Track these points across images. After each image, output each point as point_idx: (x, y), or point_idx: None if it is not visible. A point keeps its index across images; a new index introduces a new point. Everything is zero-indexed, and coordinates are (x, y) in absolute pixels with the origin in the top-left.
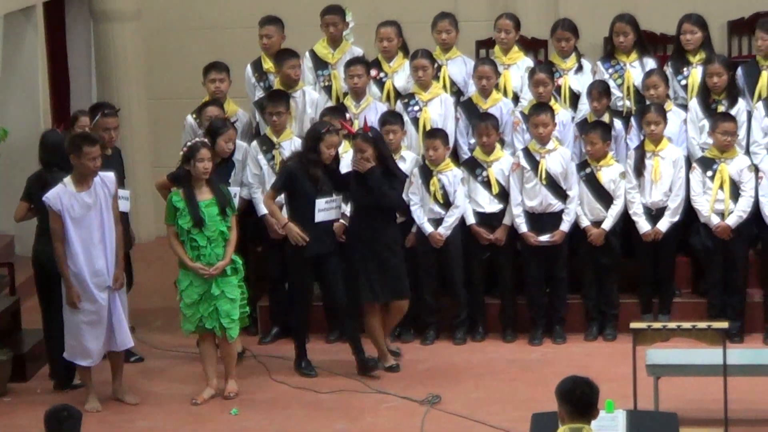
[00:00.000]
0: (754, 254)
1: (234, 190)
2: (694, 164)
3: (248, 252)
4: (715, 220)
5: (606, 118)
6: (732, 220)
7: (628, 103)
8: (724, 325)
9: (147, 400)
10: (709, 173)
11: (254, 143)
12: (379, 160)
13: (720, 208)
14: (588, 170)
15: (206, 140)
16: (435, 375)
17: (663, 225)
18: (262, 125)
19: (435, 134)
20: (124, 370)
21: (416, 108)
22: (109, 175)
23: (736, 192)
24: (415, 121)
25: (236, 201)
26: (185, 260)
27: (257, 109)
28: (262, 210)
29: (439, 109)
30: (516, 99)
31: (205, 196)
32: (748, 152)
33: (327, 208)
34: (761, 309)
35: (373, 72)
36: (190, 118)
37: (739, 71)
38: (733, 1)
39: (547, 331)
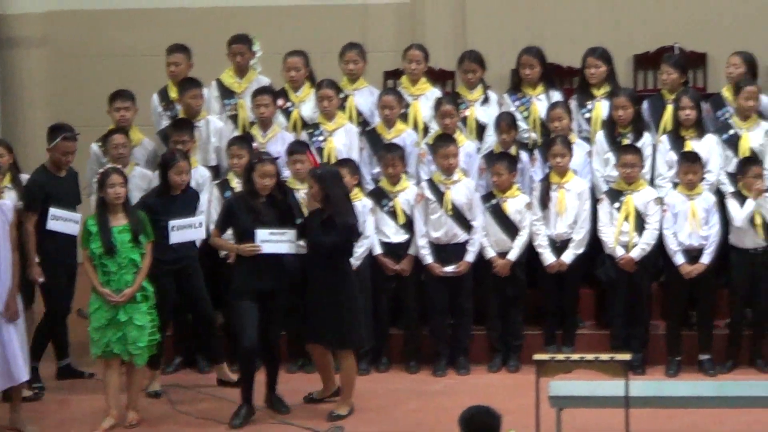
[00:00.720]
0: (657, 286)
1: (195, 220)
2: (603, 195)
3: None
4: (619, 251)
5: (512, 149)
6: (636, 253)
7: (533, 135)
8: (627, 357)
9: (47, 430)
10: (617, 204)
11: (158, 172)
12: (325, 200)
13: (625, 240)
14: (494, 201)
15: (119, 166)
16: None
17: (567, 257)
18: None
19: (343, 164)
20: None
21: (321, 138)
22: (6, 203)
23: (641, 224)
24: (320, 151)
25: (201, 231)
26: (95, 284)
27: (161, 138)
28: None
29: (343, 139)
30: (426, 130)
31: (119, 221)
32: (652, 185)
33: (273, 240)
34: (664, 341)
35: (280, 101)
36: (95, 146)
37: (645, 105)
38: (639, 35)
39: (450, 362)
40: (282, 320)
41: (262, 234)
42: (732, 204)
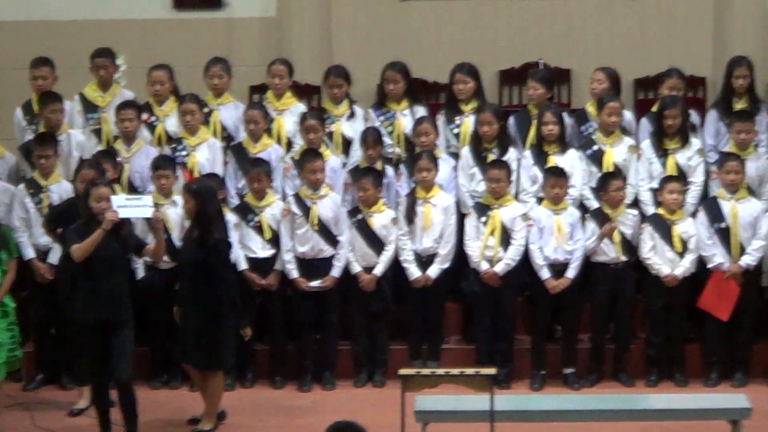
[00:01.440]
0: (522, 301)
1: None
2: (470, 210)
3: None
4: (484, 266)
5: (378, 164)
6: (500, 267)
7: (398, 150)
8: (492, 371)
9: None
10: (483, 219)
11: (21, 186)
12: (199, 217)
13: (490, 255)
14: (360, 216)
15: None
16: None
17: (433, 272)
18: (29, 169)
19: (210, 179)
20: None
21: (184, 153)
22: None
23: (507, 239)
24: (183, 166)
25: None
26: None
27: (22, 153)
28: (29, 254)
29: (207, 154)
30: (289, 145)
31: None
32: (516, 201)
33: (129, 205)
34: (528, 355)
35: (145, 116)
36: None
37: (511, 120)
38: (504, 51)
39: (316, 377)
40: (129, 355)
41: (117, 199)
42: (590, 225)
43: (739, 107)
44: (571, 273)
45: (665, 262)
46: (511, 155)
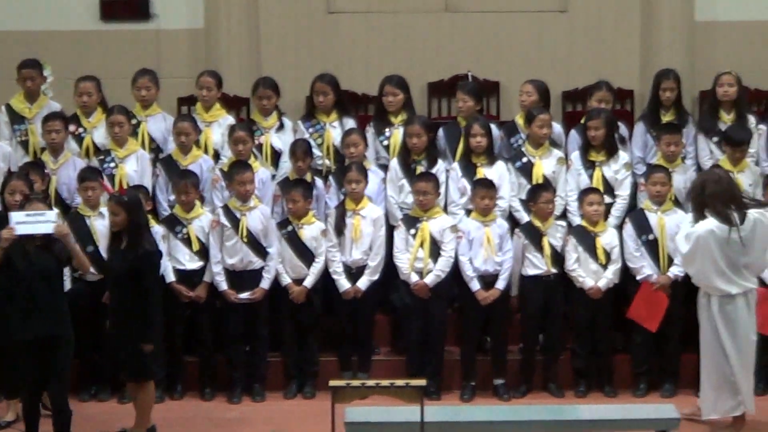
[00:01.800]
0: (452, 312)
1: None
2: (399, 222)
3: None
4: (414, 278)
5: (307, 176)
6: (430, 279)
7: (327, 162)
8: (422, 382)
9: None
10: (412, 231)
11: None
12: (129, 228)
13: (420, 267)
14: (289, 228)
15: None
16: None
17: (363, 283)
18: None
19: (135, 191)
20: None
21: (112, 164)
22: None
23: (436, 251)
24: (111, 177)
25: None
26: None
27: None
28: None
29: (134, 166)
30: (217, 156)
31: None
32: (445, 213)
33: (29, 222)
34: (459, 366)
35: (72, 127)
36: None
37: (441, 132)
38: (433, 63)
39: (246, 389)
40: (67, 376)
41: (17, 216)
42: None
43: (667, 120)
44: (500, 284)
45: (589, 274)
46: (440, 167)
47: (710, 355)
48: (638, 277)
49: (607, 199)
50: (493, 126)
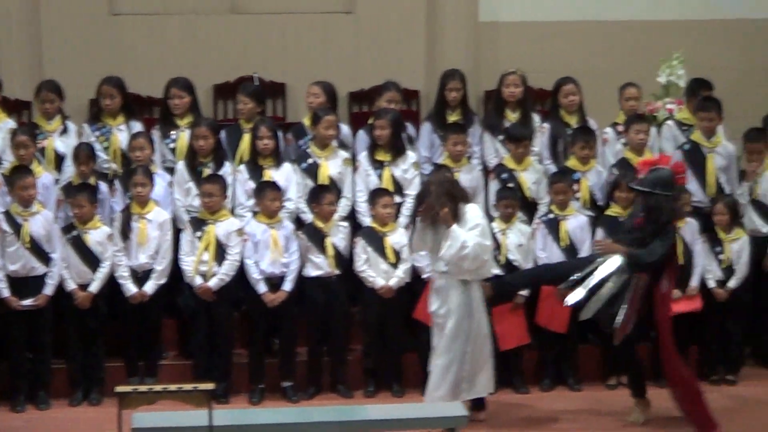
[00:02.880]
0: (239, 315)
1: None
2: (186, 224)
3: None
4: (198, 280)
5: (91, 180)
6: (214, 282)
7: (114, 165)
8: (210, 386)
9: None
10: (198, 234)
11: None
12: None
13: (204, 269)
14: (74, 233)
15: None
16: None
17: (149, 287)
18: None
19: None
20: None
21: None
22: None
23: (222, 254)
24: None
25: None
26: None
27: None
28: None
29: None
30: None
31: None
32: (232, 215)
33: None
34: (246, 370)
35: None
36: None
37: (222, 134)
38: (219, 65)
39: (30, 397)
40: None
41: None
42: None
43: (453, 119)
44: (287, 286)
45: (379, 274)
46: (227, 169)
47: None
48: (423, 276)
49: (397, 199)
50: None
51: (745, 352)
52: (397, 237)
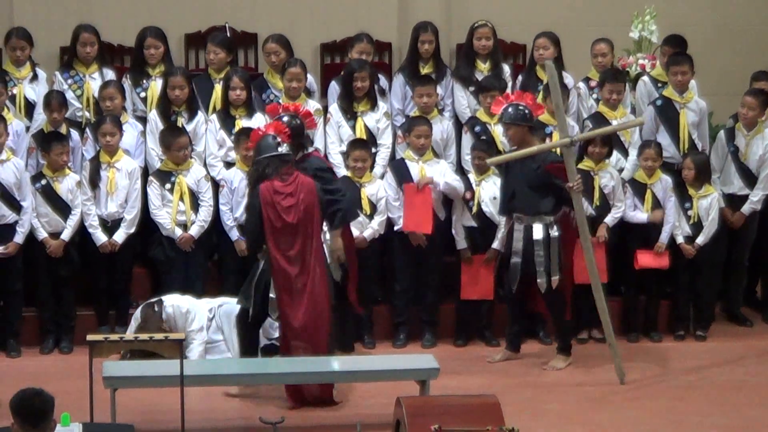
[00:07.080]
0: (211, 264)
1: None
2: (151, 177)
3: None
4: (178, 232)
5: (63, 128)
6: (194, 231)
7: (87, 114)
8: (181, 336)
9: None
10: (168, 186)
11: None
12: None
13: (183, 219)
14: (44, 181)
15: None
16: None
17: (119, 236)
18: None
19: None
20: None
21: None
22: None
23: (196, 202)
24: None
25: None
26: None
27: None
28: None
29: None
30: None
31: None
32: (205, 165)
33: None
34: None
35: None
36: None
37: (192, 84)
38: (190, 15)
39: (0, 345)
40: None
41: None
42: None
43: (426, 72)
44: None
45: (355, 225)
46: (200, 119)
47: None
48: (396, 228)
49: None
50: None
51: (717, 309)
52: (373, 188)
